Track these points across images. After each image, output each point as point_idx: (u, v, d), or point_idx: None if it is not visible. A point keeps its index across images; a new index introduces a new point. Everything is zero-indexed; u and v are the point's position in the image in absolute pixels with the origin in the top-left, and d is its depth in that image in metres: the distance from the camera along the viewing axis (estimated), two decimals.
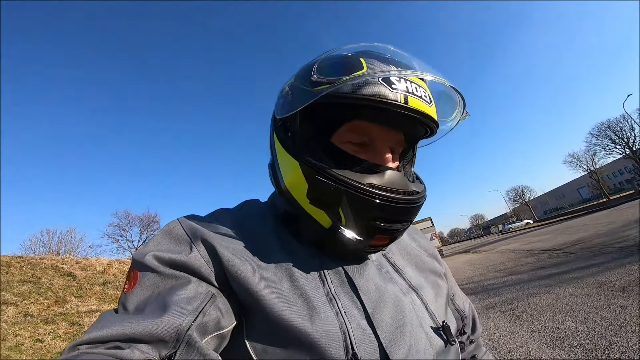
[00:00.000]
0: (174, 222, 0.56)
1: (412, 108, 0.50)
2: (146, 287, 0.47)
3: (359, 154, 0.55)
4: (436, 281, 0.67)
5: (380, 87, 0.49)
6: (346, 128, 0.55)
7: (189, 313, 0.44)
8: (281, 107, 0.57)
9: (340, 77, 0.49)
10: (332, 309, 0.49)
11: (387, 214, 0.51)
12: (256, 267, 0.51)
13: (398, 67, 0.51)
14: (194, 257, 0.50)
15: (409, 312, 0.55)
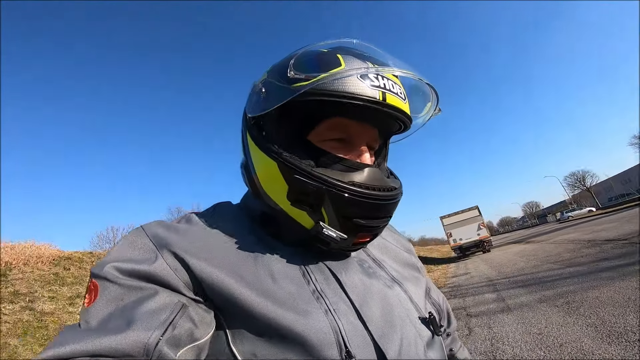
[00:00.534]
0: (137, 230, 0.53)
1: (390, 105, 0.51)
2: (108, 300, 0.43)
3: (338, 151, 0.54)
4: (414, 275, 0.69)
5: (359, 84, 0.49)
6: (324, 126, 0.54)
7: (156, 327, 0.40)
8: (254, 105, 0.55)
9: (318, 73, 0.48)
10: (321, 307, 0.48)
11: (369, 211, 0.51)
12: (234, 271, 0.49)
13: (374, 63, 0.51)
14: (159, 266, 0.46)
15: (397, 305, 0.56)
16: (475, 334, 4.64)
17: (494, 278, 9.08)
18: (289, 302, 0.48)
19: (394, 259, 0.69)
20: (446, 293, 8.71)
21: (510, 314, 5.10)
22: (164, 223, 0.54)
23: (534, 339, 3.88)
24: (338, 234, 0.51)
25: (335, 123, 0.54)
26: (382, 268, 0.63)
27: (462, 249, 20.28)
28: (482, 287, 8.15)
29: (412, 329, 0.54)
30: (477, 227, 20.27)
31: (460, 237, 20.41)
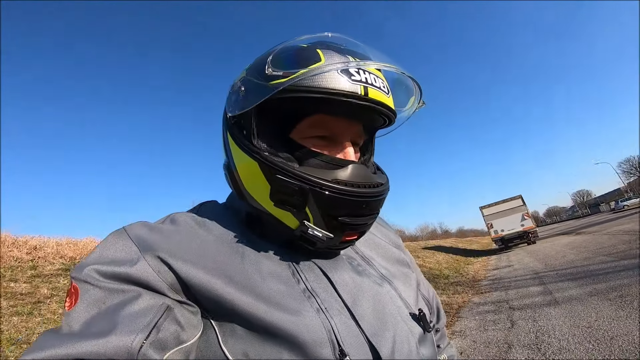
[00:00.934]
0: (119, 231, 0.51)
1: (372, 99, 0.50)
2: (89, 304, 0.42)
3: (321, 148, 0.54)
4: (404, 271, 0.68)
5: (339, 80, 0.48)
6: (306, 123, 0.53)
7: (139, 330, 0.39)
8: (234, 104, 0.54)
9: (297, 69, 0.47)
10: (312, 306, 0.48)
11: (355, 209, 0.50)
12: (222, 272, 0.48)
13: (356, 57, 0.50)
14: (141, 268, 0.44)
15: (388, 302, 0.56)
16: (518, 327, 4.55)
17: (540, 271, 8.71)
18: (280, 302, 0.47)
19: (383, 255, 0.68)
20: (486, 286, 8.52)
21: (558, 307, 4.94)
22: (147, 224, 0.52)
23: (583, 332, 3.77)
24: (324, 233, 0.50)
25: (317, 120, 0.53)
26: (371, 266, 0.62)
27: (504, 241, 19.41)
28: (526, 280, 7.87)
29: (403, 326, 0.54)
30: (521, 218, 19.28)
31: (502, 228, 19.54)
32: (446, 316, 1.58)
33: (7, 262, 5.25)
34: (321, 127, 0.54)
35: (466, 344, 4.34)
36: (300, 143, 0.53)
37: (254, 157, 0.51)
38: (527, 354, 3.64)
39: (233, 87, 0.56)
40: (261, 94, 0.48)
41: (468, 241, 37.13)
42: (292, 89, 0.48)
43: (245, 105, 0.51)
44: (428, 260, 14.69)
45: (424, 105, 0.61)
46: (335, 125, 0.54)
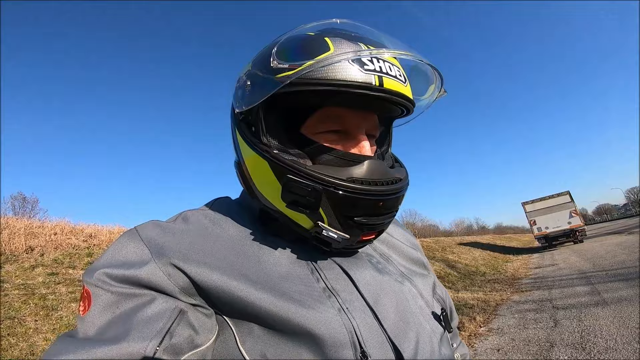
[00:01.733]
0: (130, 232, 0.49)
1: (388, 90, 0.46)
2: (102, 308, 0.42)
3: (334, 143, 0.51)
4: (421, 271, 0.66)
5: (351, 70, 0.44)
6: (317, 117, 0.51)
7: (152, 336, 0.39)
8: (240, 99, 0.51)
9: (303, 61, 0.44)
10: (332, 305, 0.46)
11: (371, 209, 0.48)
12: (237, 271, 0.46)
13: (368, 45, 0.47)
14: (151, 271, 0.43)
15: (410, 300, 0.54)
16: (562, 326, 4.39)
17: (587, 270, 8.23)
18: (299, 301, 0.45)
19: (401, 254, 0.66)
20: (527, 284, 8.21)
21: (606, 308, 4.70)
22: (159, 224, 0.51)
23: (632, 333, 3.60)
24: (339, 234, 0.47)
25: (328, 113, 0.50)
26: (390, 264, 0.60)
27: (548, 239, 18.34)
28: (572, 280, 7.49)
29: (426, 325, 0.52)
30: (569, 215, 18.12)
31: (546, 226, 18.48)
32: (483, 313, 1.57)
33: (66, 249, 5.75)
34: (333, 120, 0.51)
35: (504, 342, 4.25)
36: (312, 138, 0.51)
37: (263, 156, 0.48)
38: (570, 353, 3.53)
39: (239, 81, 0.53)
40: (267, 89, 0.46)
41: (507, 238, 35.52)
42: (300, 82, 0.45)
43: (251, 101, 0.48)
44: (464, 257, 14.31)
45: (446, 94, 0.58)
46: (348, 118, 0.51)
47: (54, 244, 5.75)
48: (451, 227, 64.47)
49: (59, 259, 5.32)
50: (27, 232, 5.80)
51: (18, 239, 5.40)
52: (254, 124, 0.51)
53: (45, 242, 5.70)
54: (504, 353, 3.88)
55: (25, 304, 3.84)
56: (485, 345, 4.23)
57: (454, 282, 9.47)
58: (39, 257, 5.20)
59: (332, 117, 0.51)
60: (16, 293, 3.99)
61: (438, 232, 49.44)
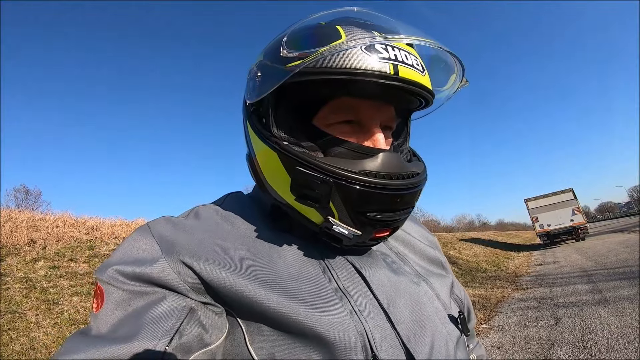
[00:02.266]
0: (143, 228, 0.49)
1: (404, 79, 0.44)
2: (115, 306, 0.42)
3: (347, 135, 0.49)
4: (439, 271, 0.64)
5: (364, 58, 0.42)
6: (329, 108, 0.49)
7: (162, 335, 0.39)
8: (251, 91, 0.50)
9: (314, 49, 0.43)
10: (344, 307, 0.45)
11: (386, 204, 0.45)
12: (247, 270, 0.45)
13: (382, 32, 0.45)
14: (161, 269, 0.43)
15: (426, 303, 0.52)
16: (563, 325, 4.38)
17: (589, 269, 8.22)
18: (310, 301, 0.44)
19: (418, 253, 0.63)
20: (528, 282, 8.20)
21: (608, 307, 4.68)
22: (171, 220, 0.51)
23: (633, 332, 3.59)
24: (350, 230, 0.45)
25: (341, 103, 0.48)
26: (406, 263, 0.58)
27: (550, 236, 18.31)
28: (573, 278, 7.48)
29: (442, 329, 0.50)
30: (571, 212, 18.08)
31: (548, 223, 18.45)
32: (484, 310, 1.52)
33: (68, 242, 5.76)
34: (347, 111, 0.49)
35: (505, 339, 4.25)
36: (324, 130, 0.49)
37: (273, 147, 0.47)
38: (571, 351, 3.52)
39: (250, 73, 0.52)
40: (276, 79, 0.44)
41: (508, 234, 35.52)
42: (310, 71, 0.43)
43: (260, 92, 0.47)
44: (465, 253, 14.32)
45: (467, 83, 0.56)
46: (362, 109, 0.49)
47: (56, 236, 5.77)
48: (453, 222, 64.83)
49: (61, 252, 5.33)
50: (29, 225, 5.82)
51: (20, 232, 5.41)
52: (264, 116, 0.50)
53: (47, 234, 5.72)
54: (505, 351, 3.88)
55: (26, 298, 3.84)
56: (486, 343, 4.23)
57: (455, 278, 9.45)
58: (40, 250, 5.21)
59: (345, 108, 0.49)
60: (17, 287, 4.00)
61: (439, 227, 49.64)
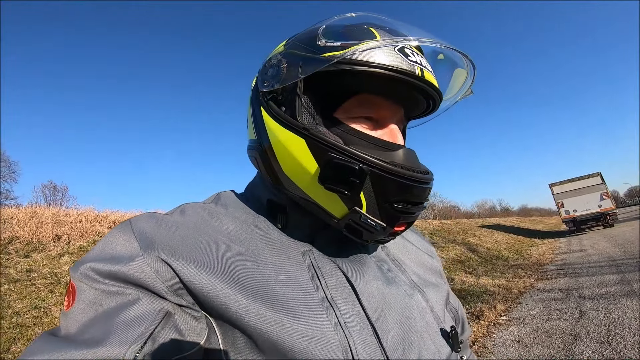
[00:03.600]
0: (124, 223, 0.47)
1: (428, 82, 0.47)
2: (86, 305, 0.40)
3: (369, 130, 0.50)
4: (436, 280, 0.63)
5: (398, 58, 0.45)
6: (354, 102, 0.49)
7: (132, 341, 0.37)
8: (272, 78, 0.50)
9: (355, 42, 0.45)
10: (329, 318, 0.43)
11: (411, 194, 0.46)
12: (230, 273, 0.43)
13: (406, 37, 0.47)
14: (138, 267, 0.41)
15: (417, 317, 0.51)
16: (588, 318, 4.23)
17: (618, 258, 7.87)
18: (292, 311, 0.42)
19: (415, 261, 0.63)
20: (553, 271, 7.96)
21: (637, 299, 4.48)
22: (154, 216, 0.49)
23: None
24: (377, 222, 0.45)
25: (365, 99, 0.49)
26: (402, 271, 0.57)
27: (577, 222, 17.66)
28: (601, 267, 7.18)
29: (430, 345, 0.49)
30: (599, 197, 17.33)
31: (574, 209, 17.77)
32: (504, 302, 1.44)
33: (90, 237, 5.95)
34: (369, 107, 0.50)
35: (525, 333, 4.14)
36: (346, 123, 0.49)
37: (300, 134, 0.46)
38: (595, 347, 3.39)
39: (270, 61, 0.52)
40: (314, 65, 0.45)
41: (532, 221, 34.59)
42: (351, 62, 0.45)
43: (288, 78, 0.47)
44: (485, 240, 14.03)
45: (471, 94, 0.58)
46: (383, 106, 0.51)
47: (80, 231, 5.98)
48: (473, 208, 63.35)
49: (84, 246, 5.54)
50: (54, 221, 6.07)
51: (45, 228, 5.64)
52: (285, 104, 0.50)
53: (72, 230, 5.93)
54: (524, 345, 3.77)
55: (51, 293, 3.99)
56: (505, 336, 4.13)
57: (475, 266, 9.29)
58: (65, 245, 5.42)
59: (368, 104, 0.50)
60: (43, 282, 4.17)
61: (459, 213, 48.72)
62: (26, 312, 3.62)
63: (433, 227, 14.23)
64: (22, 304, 3.71)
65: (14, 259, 4.69)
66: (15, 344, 3.18)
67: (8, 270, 4.31)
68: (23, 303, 3.72)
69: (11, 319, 3.47)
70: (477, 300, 5.75)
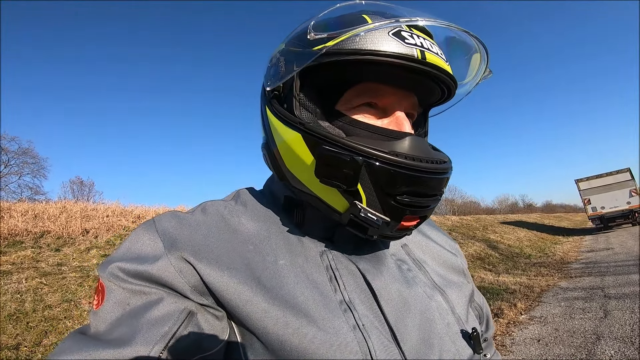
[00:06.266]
0: (147, 224, 0.48)
1: (431, 64, 0.44)
2: (114, 304, 0.41)
3: (372, 119, 0.48)
4: (459, 279, 0.61)
5: (392, 42, 0.43)
6: (353, 92, 0.48)
7: (157, 340, 0.38)
8: (272, 77, 0.50)
9: (342, 31, 0.43)
10: (348, 321, 0.43)
11: (416, 186, 0.43)
12: (250, 273, 0.44)
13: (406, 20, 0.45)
14: (163, 267, 0.42)
15: (437, 319, 0.49)
16: (613, 317, 4.11)
17: None
18: (311, 314, 0.42)
19: (438, 260, 0.61)
20: (577, 269, 7.72)
21: None
22: (177, 215, 0.50)
23: None
24: (379, 216, 0.43)
25: (364, 88, 0.48)
26: (423, 271, 0.56)
27: (604, 220, 16.92)
28: (628, 267, 6.92)
29: (451, 347, 0.48)
30: (628, 194, 16.58)
31: (602, 205, 17.05)
32: (525, 300, 1.40)
33: (117, 231, 6.17)
34: (370, 95, 0.48)
35: (546, 332, 4.06)
36: (348, 114, 0.48)
37: (297, 129, 0.46)
38: (618, 347, 3.31)
39: (271, 60, 0.53)
40: (303, 60, 0.45)
41: (556, 217, 33.45)
42: (338, 52, 0.43)
43: (286, 74, 0.47)
44: (507, 237, 13.73)
45: (491, 75, 0.54)
46: (387, 93, 0.48)
47: (107, 225, 6.23)
48: (494, 204, 61.91)
49: (111, 240, 5.77)
50: (82, 215, 6.36)
51: (75, 222, 5.92)
52: (286, 101, 0.50)
53: (99, 224, 6.19)
54: (545, 344, 3.71)
55: (80, 287, 4.15)
56: (525, 335, 4.07)
57: (495, 264, 9.12)
58: (93, 239, 5.65)
59: (370, 92, 0.48)
60: (73, 275, 4.35)
61: (479, 209, 47.80)
62: (57, 305, 3.76)
63: (452, 223, 14.04)
64: (54, 297, 3.86)
65: (46, 252, 4.91)
66: (47, 337, 3.27)
67: (40, 264, 4.50)
68: (55, 296, 3.87)
69: (43, 312, 3.59)
70: (497, 298, 5.66)
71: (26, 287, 3.90)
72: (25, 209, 6.19)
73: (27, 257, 4.61)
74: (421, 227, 0.66)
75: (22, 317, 3.44)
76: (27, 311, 3.54)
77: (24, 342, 3.12)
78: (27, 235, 5.26)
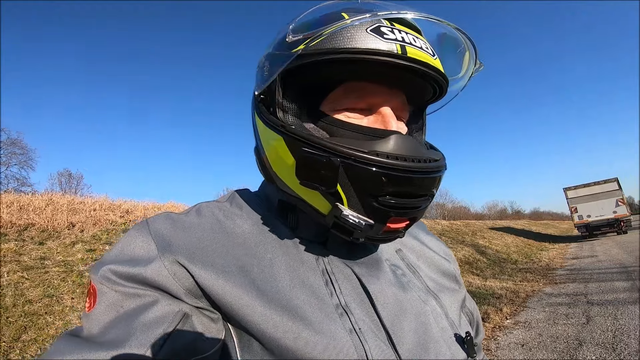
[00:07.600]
0: (141, 224, 0.47)
1: (412, 59, 0.43)
2: (107, 307, 0.41)
3: (357, 120, 0.48)
4: (451, 285, 0.61)
5: (369, 38, 0.42)
6: (338, 92, 0.48)
7: (152, 342, 0.38)
8: (259, 82, 0.50)
9: (317, 30, 0.42)
10: (344, 325, 0.42)
11: (400, 186, 0.42)
12: (247, 279, 0.44)
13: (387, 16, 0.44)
14: (156, 270, 0.41)
15: (432, 324, 0.49)
16: (595, 324, 4.19)
17: (629, 265, 7.74)
18: (307, 317, 0.42)
19: (431, 266, 0.61)
20: (562, 276, 7.87)
21: None
22: (171, 216, 0.49)
23: None
24: (361, 218, 0.42)
25: (350, 88, 0.47)
26: (417, 277, 0.56)
27: (590, 228, 17.29)
28: (611, 274, 7.09)
29: (446, 351, 0.48)
30: (615, 204, 16.95)
31: (588, 214, 17.40)
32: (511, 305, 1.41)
33: (104, 225, 6.04)
34: (355, 95, 0.47)
35: (530, 337, 4.12)
36: (332, 115, 0.48)
37: (279, 132, 0.45)
38: (599, 352, 3.37)
39: (258, 65, 0.52)
40: (281, 63, 0.44)
41: (543, 224, 34.00)
42: (313, 52, 0.43)
43: (268, 78, 0.47)
44: (495, 242, 13.89)
45: (482, 67, 0.53)
46: (371, 92, 0.47)
47: (93, 219, 6.10)
48: (483, 209, 62.56)
49: (97, 235, 5.64)
50: (69, 208, 6.22)
51: (61, 215, 5.77)
52: (272, 105, 0.49)
53: (86, 218, 6.06)
54: (528, 349, 3.76)
55: (63, 282, 4.04)
56: (509, 339, 4.12)
57: (483, 269, 9.23)
58: (79, 233, 5.52)
59: (354, 92, 0.47)
60: (56, 270, 4.23)
61: (469, 214, 48.25)
62: (38, 300, 3.66)
63: (442, 228, 14.15)
64: (35, 292, 3.75)
65: (29, 246, 4.78)
66: (26, 332, 3.19)
67: (22, 258, 4.37)
68: (36, 291, 3.76)
69: (23, 307, 3.49)
70: (483, 302, 5.72)
71: (7, 281, 3.80)
72: (11, 201, 6.04)
73: (10, 250, 4.48)
74: (415, 232, 0.67)
75: (1, 311, 3.35)
76: (7, 306, 3.44)
77: (2, 337, 3.04)
78: (12, 227, 5.12)
